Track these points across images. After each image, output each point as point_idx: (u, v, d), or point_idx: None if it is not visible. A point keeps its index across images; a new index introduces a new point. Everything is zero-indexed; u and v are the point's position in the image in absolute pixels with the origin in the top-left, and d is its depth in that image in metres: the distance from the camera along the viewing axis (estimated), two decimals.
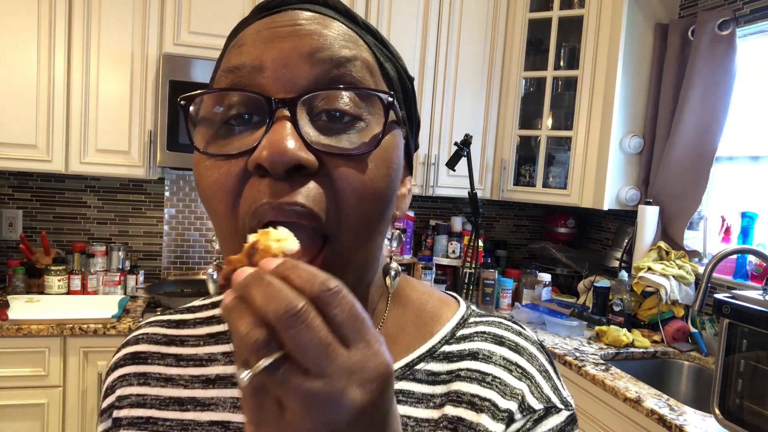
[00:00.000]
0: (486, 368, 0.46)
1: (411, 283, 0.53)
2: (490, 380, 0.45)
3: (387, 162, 0.39)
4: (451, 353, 0.47)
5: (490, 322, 0.50)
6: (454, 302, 0.53)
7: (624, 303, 2.16)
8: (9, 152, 2.02)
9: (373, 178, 0.38)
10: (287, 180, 0.35)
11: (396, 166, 0.41)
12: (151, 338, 0.53)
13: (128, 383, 0.50)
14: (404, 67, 0.46)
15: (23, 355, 1.87)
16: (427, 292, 0.52)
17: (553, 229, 2.82)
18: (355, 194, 0.37)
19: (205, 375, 0.49)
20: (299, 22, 0.39)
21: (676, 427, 1.44)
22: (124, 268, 2.33)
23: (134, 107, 2.13)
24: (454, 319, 0.50)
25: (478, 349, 0.47)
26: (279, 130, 0.35)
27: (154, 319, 0.55)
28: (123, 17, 2.09)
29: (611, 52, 2.24)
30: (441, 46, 2.43)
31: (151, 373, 0.50)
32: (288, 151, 0.34)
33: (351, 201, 0.37)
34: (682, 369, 2.00)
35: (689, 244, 2.20)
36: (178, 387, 0.49)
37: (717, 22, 2.07)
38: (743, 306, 1.46)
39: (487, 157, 2.54)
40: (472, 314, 0.51)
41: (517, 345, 0.48)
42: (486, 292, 2.47)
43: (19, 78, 2.00)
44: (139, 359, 0.51)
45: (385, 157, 0.39)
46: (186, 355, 0.51)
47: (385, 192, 0.39)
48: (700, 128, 2.13)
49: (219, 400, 0.47)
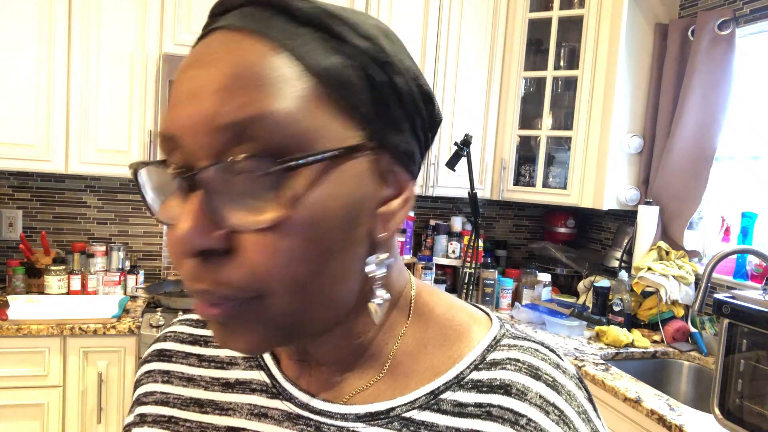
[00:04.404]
0: (520, 408, 0.40)
1: (435, 294, 0.48)
2: (525, 423, 0.40)
3: (311, 221, 0.35)
4: (481, 382, 0.42)
5: (525, 348, 0.44)
6: (486, 319, 0.47)
7: (624, 303, 2.16)
8: (9, 152, 2.02)
9: (293, 246, 0.34)
10: (204, 260, 0.35)
11: (333, 214, 0.36)
12: (178, 336, 0.53)
13: (153, 380, 0.51)
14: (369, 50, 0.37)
15: (23, 355, 1.87)
16: (454, 305, 0.47)
17: (553, 229, 2.82)
18: (272, 265, 0.34)
19: (225, 378, 0.49)
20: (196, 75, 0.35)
21: (675, 427, 1.44)
22: (124, 268, 2.33)
23: (134, 107, 2.13)
24: (485, 340, 0.45)
25: (511, 382, 0.42)
26: (186, 214, 0.34)
27: (185, 317, 0.55)
28: (123, 17, 2.09)
29: (611, 52, 2.25)
30: (441, 46, 2.43)
31: (174, 371, 0.51)
32: (188, 240, 0.33)
33: (270, 272, 0.34)
34: (682, 369, 2.00)
35: (689, 244, 2.20)
36: (199, 388, 0.49)
37: (717, 22, 2.07)
38: (743, 306, 1.46)
39: (487, 157, 2.54)
40: (506, 335, 0.46)
41: (555, 381, 0.42)
42: (486, 292, 2.47)
43: (19, 78, 2.00)
44: (165, 357, 0.52)
45: (307, 217, 0.34)
46: (208, 356, 0.51)
47: (316, 252, 0.35)
48: (699, 128, 2.13)
49: (237, 405, 0.47)
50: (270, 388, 0.46)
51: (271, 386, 0.46)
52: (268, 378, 0.47)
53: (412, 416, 0.42)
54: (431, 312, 0.46)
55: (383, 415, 0.42)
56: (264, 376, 0.47)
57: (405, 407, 0.42)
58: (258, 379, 0.47)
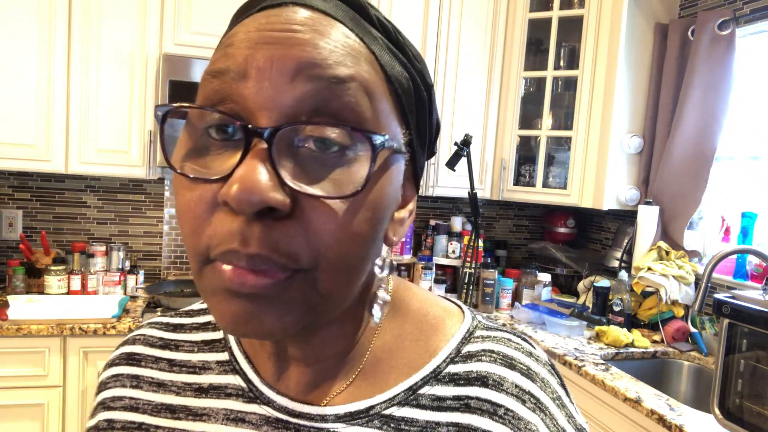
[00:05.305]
0: (498, 398, 0.42)
1: (410, 290, 0.48)
2: (503, 413, 0.41)
3: (373, 204, 0.36)
4: (458, 375, 0.43)
5: (499, 339, 0.45)
6: (458, 311, 0.48)
7: (624, 303, 2.16)
8: (9, 152, 2.02)
9: (354, 222, 0.35)
10: (258, 220, 0.32)
11: (386, 204, 0.37)
12: (148, 340, 0.51)
13: (121, 384, 0.49)
14: (421, 71, 0.41)
15: (23, 355, 1.87)
16: (428, 300, 0.48)
17: (553, 229, 2.82)
18: (332, 237, 0.34)
19: (198, 383, 0.47)
20: (293, 27, 0.34)
21: (675, 427, 1.44)
22: (124, 268, 2.33)
23: (134, 107, 2.13)
24: (459, 333, 0.46)
25: (487, 373, 0.43)
26: (252, 166, 0.32)
27: (154, 320, 0.54)
28: (123, 17, 2.09)
29: (611, 52, 2.25)
30: (441, 46, 2.43)
31: (143, 376, 0.49)
32: (257, 191, 0.31)
33: (328, 243, 0.34)
34: (681, 369, 2.00)
35: (689, 244, 2.20)
36: (170, 393, 0.47)
37: (717, 22, 2.07)
38: (743, 306, 1.46)
39: (487, 157, 2.54)
40: (479, 326, 0.47)
41: (529, 369, 0.43)
42: (486, 292, 2.47)
43: (19, 78, 2.00)
44: (134, 361, 0.50)
45: (371, 198, 0.35)
46: (179, 360, 0.49)
47: (368, 234, 0.36)
48: (699, 128, 2.13)
49: (212, 411, 0.45)
50: (246, 392, 0.45)
51: (248, 390, 0.45)
52: (245, 382, 0.46)
53: (391, 413, 0.42)
54: (408, 307, 0.47)
55: (363, 414, 0.42)
56: (240, 380, 0.46)
57: (384, 404, 0.42)
58: (233, 384, 0.46)
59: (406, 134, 0.40)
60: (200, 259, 0.35)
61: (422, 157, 0.43)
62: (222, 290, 0.34)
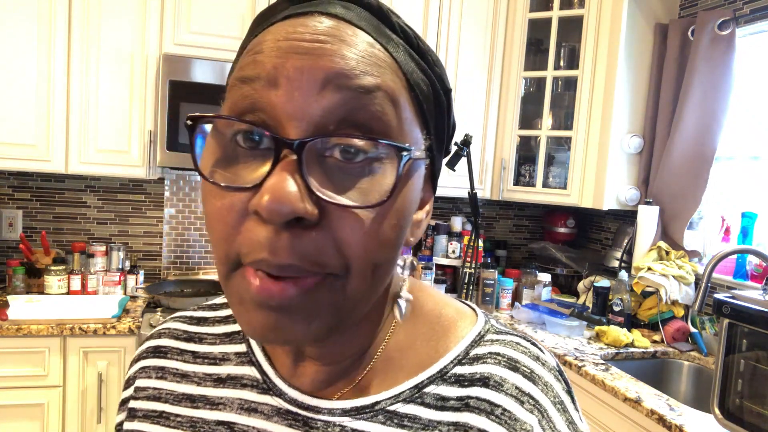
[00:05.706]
0: (496, 398, 0.42)
1: (425, 290, 0.49)
2: (500, 413, 0.41)
3: (398, 211, 0.37)
4: (463, 376, 0.44)
5: (507, 342, 0.45)
6: (472, 314, 0.49)
7: (624, 303, 2.16)
8: (9, 152, 2.02)
9: (381, 230, 0.36)
10: (287, 230, 0.33)
11: (409, 210, 0.39)
12: (173, 333, 0.53)
13: (147, 375, 0.51)
14: (440, 75, 0.42)
15: (23, 355, 1.87)
16: (442, 301, 0.49)
17: (553, 229, 2.82)
18: (360, 245, 0.35)
19: (217, 374, 0.49)
20: (321, 38, 0.35)
21: (675, 427, 1.44)
22: (124, 268, 2.33)
23: (134, 107, 2.13)
24: (469, 335, 0.46)
25: (489, 374, 0.43)
26: (282, 177, 0.33)
27: (179, 314, 0.56)
28: (123, 17, 2.09)
29: (611, 52, 2.24)
30: (441, 45, 2.43)
31: (168, 367, 0.51)
32: (287, 202, 0.32)
33: (356, 251, 0.35)
34: (681, 369, 2.00)
35: (689, 244, 2.20)
36: (192, 384, 0.49)
37: (717, 22, 2.07)
38: (743, 306, 1.46)
39: (487, 157, 2.54)
40: (490, 330, 0.47)
41: (533, 372, 0.43)
42: (486, 292, 2.47)
43: (19, 78, 2.00)
44: (160, 353, 0.52)
45: (397, 206, 0.37)
46: (202, 352, 0.51)
47: (394, 241, 0.37)
48: (699, 128, 2.13)
49: (227, 400, 0.47)
50: (261, 383, 0.47)
51: (262, 382, 0.47)
52: (260, 374, 0.47)
53: (396, 409, 0.43)
54: (422, 308, 0.48)
55: (368, 409, 0.43)
56: (255, 372, 0.48)
57: (390, 401, 0.43)
58: (249, 375, 0.48)
59: (426, 139, 0.41)
60: (230, 264, 0.36)
61: (440, 159, 0.44)
62: (249, 300, 0.35)
